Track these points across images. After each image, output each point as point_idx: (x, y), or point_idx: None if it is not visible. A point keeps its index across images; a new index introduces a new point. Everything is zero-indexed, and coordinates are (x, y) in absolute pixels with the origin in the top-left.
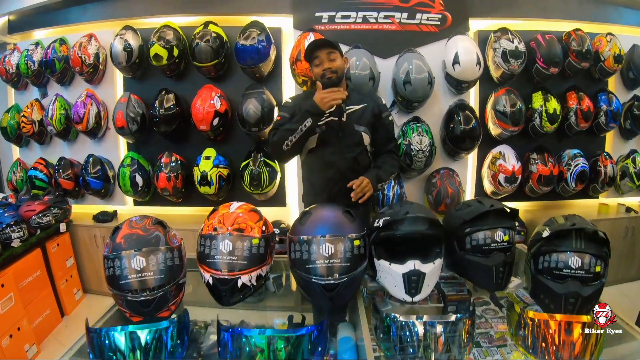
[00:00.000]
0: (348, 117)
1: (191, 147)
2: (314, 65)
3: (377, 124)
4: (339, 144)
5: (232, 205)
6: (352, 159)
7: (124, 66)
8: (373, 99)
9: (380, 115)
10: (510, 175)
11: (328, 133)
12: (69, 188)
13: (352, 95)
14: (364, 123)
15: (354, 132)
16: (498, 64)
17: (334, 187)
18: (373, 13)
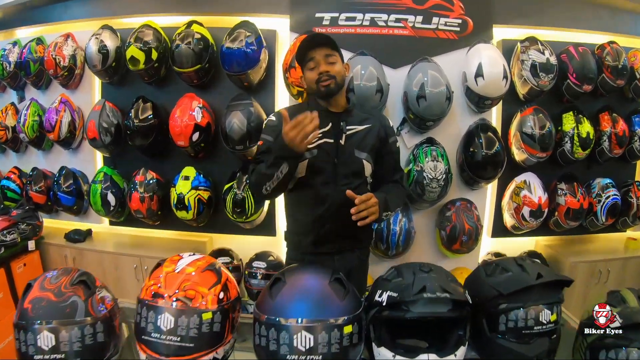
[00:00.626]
0: (347, 140)
1: (171, 164)
2: (307, 68)
3: (382, 150)
4: (334, 173)
5: (181, 261)
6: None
7: (99, 70)
8: (379, 119)
9: (386, 140)
10: (537, 209)
11: (321, 159)
12: (41, 202)
13: (354, 113)
14: (366, 149)
15: (354, 160)
16: (526, 78)
17: (323, 227)
18: (382, 15)
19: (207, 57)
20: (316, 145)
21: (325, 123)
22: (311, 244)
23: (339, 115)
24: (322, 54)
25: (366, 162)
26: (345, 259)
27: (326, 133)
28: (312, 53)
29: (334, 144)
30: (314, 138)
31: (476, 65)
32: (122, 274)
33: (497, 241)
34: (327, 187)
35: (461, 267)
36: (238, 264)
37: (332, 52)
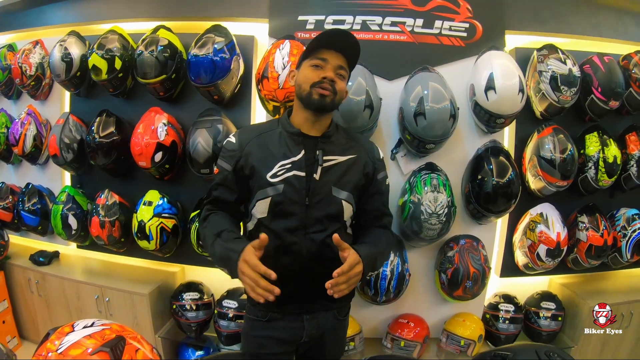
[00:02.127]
0: (324, 175)
1: (138, 185)
2: (309, 64)
3: (367, 189)
4: (304, 216)
5: (69, 336)
6: (322, 243)
7: (62, 80)
8: (367, 148)
9: (374, 177)
10: (554, 248)
11: (288, 197)
12: (7, 220)
13: (336, 139)
14: (347, 186)
15: (331, 200)
16: (545, 92)
17: (288, 284)
18: (376, 18)
19: (174, 66)
20: (283, 179)
21: (296, 150)
22: (274, 303)
23: (316, 140)
24: (338, 62)
25: (346, 203)
26: (318, 320)
27: (296, 163)
28: (328, 53)
29: (306, 178)
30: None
31: (486, 76)
32: (84, 304)
33: (506, 280)
34: (295, 235)
35: (463, 312)
36: (209, 301)
37: (347, 68)
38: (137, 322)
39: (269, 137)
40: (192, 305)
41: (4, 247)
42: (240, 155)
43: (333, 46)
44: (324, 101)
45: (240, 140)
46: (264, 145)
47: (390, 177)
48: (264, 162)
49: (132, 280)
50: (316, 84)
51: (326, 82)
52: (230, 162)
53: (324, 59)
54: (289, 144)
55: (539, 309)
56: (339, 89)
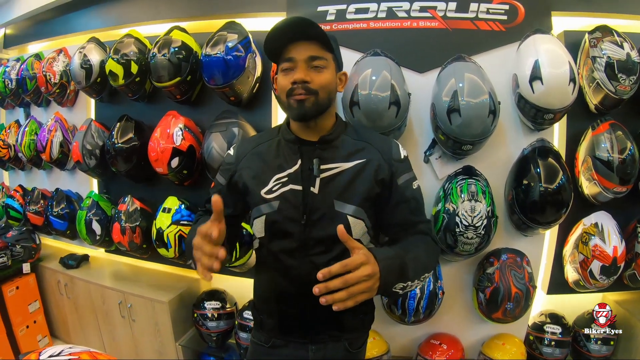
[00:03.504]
0: (324, 187)
1: (160, 191)
2: (281, 69)
3: (389, 198)
4: (302, 236)
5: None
6: (325, 266)
7: (83, 86)
8: (382, 148)
9: (392, 182)
10: (610, 264)
11: (284, 215)
12: (38, 224)
13: (340, 142)
14: (355, 198)
15: (334, 216)
16: (599, 81)
17: (290, 311)
18: (404, 4)
19: (188, 67)
20: (278, 195)
21: (293, 160)
22: (276, 327)
23: (314, 147)
24: (307, 53)
25: (354, 218)
26: (326, 352)
27: (292, 175)
28: (292, 50)
29: (303, 192)
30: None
31: (531, 64)
32: (108, 308)
33: (554, 297)
34: (293, 257)
35: (503, 333)
36: (231, 310)
37: (321, 53)
38: (158, 329)
39: (266, 148)
40: (213, 315)
41: (35, 250)
42: (235, 169)
43: (294, 37)
44: (303, 108)
45: (238, 153)
46: (260, 157)
47: (425, 182)
48: (259, 177)
49: (156, 286)
50: (290, 93)
51: (298, 87)
52: (225, 176)
53: (290, 59)
54: (285, 154)
55: (589, 330)
56: (318, 84)
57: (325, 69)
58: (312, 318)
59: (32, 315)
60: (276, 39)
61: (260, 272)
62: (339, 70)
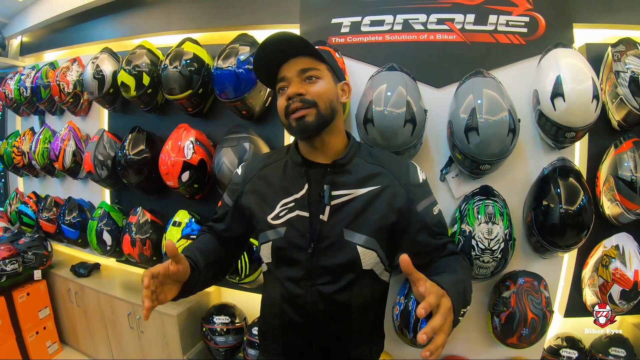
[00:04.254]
0: (334, 214)
1: (172, 203)
2: (278, 92)
3: (408, 228)
4: (309, 265)
5: None
6: (332, 297)
7: (96, 97)
8: (397, 173)
9: (410, 210)
10: (631, 289)
11: (290, 242)
12: (51, 231)
13: (353, 165)
14: (366, 227)
15: (343, 246)
16: (623, 97)
17: (295, 341)
18: (420, 16)
19: (200, 80)
20: (286, 221)
21: (300, 184)
22: (280, 353)
23: (324, 170)
24: (298, 67)
25: (364, 249)
26: None
27: (299, 201)
28: (284, 69)
29: (310, 219)
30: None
31: (552, 80)
32: (117, 318)
33: (571, 319)
34: (299, 286)
35: (518, 357)
36: (240, 325)
37: (313, 64)
38: (166, 342)
39: (273, 170)
40: (222, 329)
41: (47, 257)
42: (242, 191)
43: (282, 56)
44: (304, 123)
45: (245, 173)
46: (267, 180)
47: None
48: (265, 201)
49: None
50: (288, 112)
51: (294, 102)
52: (232, 197)
53: (283, 78)
54: (292, 177)
55: (606, 355)
56: (314, 94)
57: (320, 79)
58: (317, 348)
59: (42, 321)
60: (263, 58)
61: (267, 296)
62: (339, 81)
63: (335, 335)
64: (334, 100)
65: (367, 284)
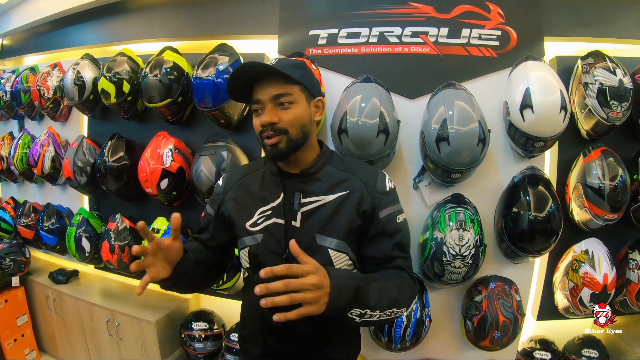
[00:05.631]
0: (305, 221)
1: (151, 210)
2: (253, 111)
3: (368, 231)
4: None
5: None
6: None
7: (76, 103)
8: (365, 179)
9: (373, 215)
10: (600, 292)
11: (266, 248)
12: (29, 237)
13: (323, 174)
14: (337, 232)
15: (315, 250)
16: (592, 108)
17: (275, 343)
18: (395, 29)
19: (180, 89)
20: (263, 228)
21: (276, 193)
22: (260, 357)
23: (296, 179)
24: (271, 92)
25: (336, 252)
26: None
27: (276, 209)
28: (259, 91)
29: (285, 226)
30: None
31: (522, 92)
32: (96, 325)
33: (544, 322)
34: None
35: None
36: (219, 332)
37: (286, 89)
38: (145, 349)
39: (252, 179)
40: (200, 336)
41: (25, 264)
42: (223, 200)
43: (257, 78)
44: (276, 149)
45: (225, 184)
46: (246, 189)
47: (414, 209)
48: (244, 209)
49: (144, 305)
50: (261, 136)
51: (266, 130)
52: (214, 206)
53: (258, 101)
54: (269, 187)
55: (579, 356)
56: (287, 122)
57: (294, 104)
58: (297, 350)
59: (20, 328)
60: (238, 80)
61: (248, 300)
62: (313, 98)
63: (314, 338)
64: (306, 124)
65: None
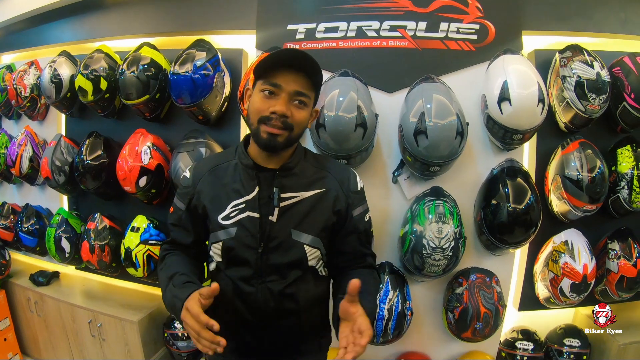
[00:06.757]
0: (282, 216)
1: (130, 209)
2: (261, 88)
3: (341, 229)
4: (259, 264)
5: None
6: (281, 294)
7: (53, 101)
8: (339, 179)
9: (347, 214)
10: (580, 282)
11: (241, 242)
12: (8, 239)
13: (300, 170)
14: (313, 228)
15: (291, 245)
16: (569, 101)
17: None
18: (373, 23)
19: (157, 85)
20: (236, 222)
21: (250, 186)
22: (234, 350)
23: (273, 174)
24: (294, 86)
25: (310, 248)
26: None
27: (250, 203)
28: (281, 76)
29: (261, 220)
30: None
31: (500, 85)
32: (79, 327)
33: (525, 313)
34: (250, 284)
35: (474, 351)
36: None
37: (307, 91)
38: (128, 349)
39: (223, 171)
40: (183, 334)
41: (5, 267)
42: (194, 192)
43: (290, 65)
44: (274, 141)
45: (194, 175)
46: (217, 180)
47: (393, 203)
48: (216, 202)
49: (126, 305)
50: (264, 120)
51: (275, 119)
52: (184, 200)
53: (277, 85)
54: (243, 180)
55: (561, 346)
56: (296, 121)
57: (306, 107)
58: (269, 344)
59: (2, 333)
60: (274, 61)
61: (220, 294)
62: (314, 106)
63: (286, 330)
64: (305, 127)
65: (311, 279)
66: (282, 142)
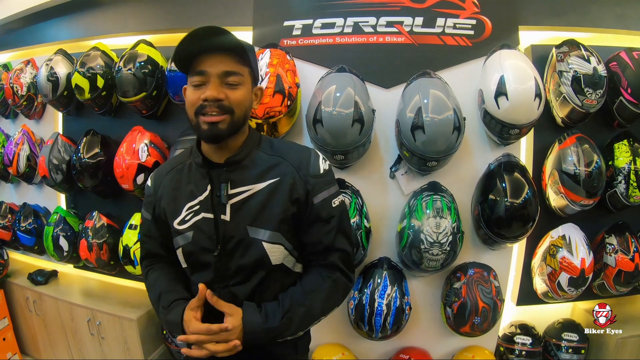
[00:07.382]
0: (235, 213)
1: (129, 207)
2: (190, 83)
3: (303, 218)
4: (219, 267)
5: None
6: (247, 297)
7: (50, 100)
8: (295, 163)
9: (307, 201)
10: (578, 276)
11: (198, 246)
12: (6, 239)
13: (251, 160)
14: (270, 222)
15: (249, 244)
16: (566, 96)
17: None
18: (370, 19)
19: (154, 82)
20: (192, 225)
21: (203, 185)
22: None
23: (221, 169)
24: (220, 67)
25: (270, 244)
26: None
27: (204, 203)
28: (205, 62)
29: (215, 220)
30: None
31: (497, 80)
32: (77, 325)
33: (524, 308)
34: (214, 289)
35: (473, 346)
36: None
37: (237, 68)
38: (127, 347)
39: (179, 173)
40: None
41: (3, 266)
42: (155, 200)
43: (206, 48)
44: (215, 129)
45: (154, 182)
46: (174, 183)
47: (391, 198)
48: (172, 207)
49: (125, 303)
50: (199, 111)
51: (210, 106)
52: (149, 210)
53: (203, 72)
54: (195, 179)
55: (559, 340)
56: (233, 102)
57: (241, 86)
58: (241, 352)
59: (0, 332)
60: (185, 48)
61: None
62: (255, 85)
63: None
64: (249, 108)
65: (279, 279)
66: (226, 129)
